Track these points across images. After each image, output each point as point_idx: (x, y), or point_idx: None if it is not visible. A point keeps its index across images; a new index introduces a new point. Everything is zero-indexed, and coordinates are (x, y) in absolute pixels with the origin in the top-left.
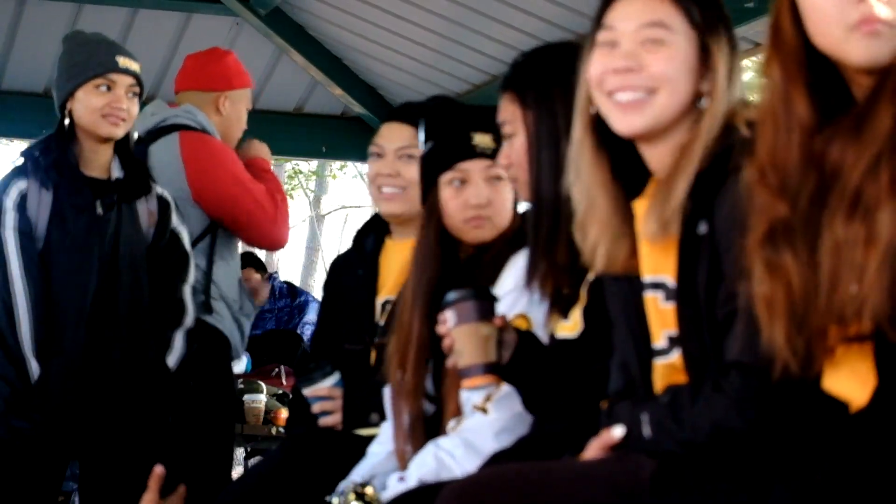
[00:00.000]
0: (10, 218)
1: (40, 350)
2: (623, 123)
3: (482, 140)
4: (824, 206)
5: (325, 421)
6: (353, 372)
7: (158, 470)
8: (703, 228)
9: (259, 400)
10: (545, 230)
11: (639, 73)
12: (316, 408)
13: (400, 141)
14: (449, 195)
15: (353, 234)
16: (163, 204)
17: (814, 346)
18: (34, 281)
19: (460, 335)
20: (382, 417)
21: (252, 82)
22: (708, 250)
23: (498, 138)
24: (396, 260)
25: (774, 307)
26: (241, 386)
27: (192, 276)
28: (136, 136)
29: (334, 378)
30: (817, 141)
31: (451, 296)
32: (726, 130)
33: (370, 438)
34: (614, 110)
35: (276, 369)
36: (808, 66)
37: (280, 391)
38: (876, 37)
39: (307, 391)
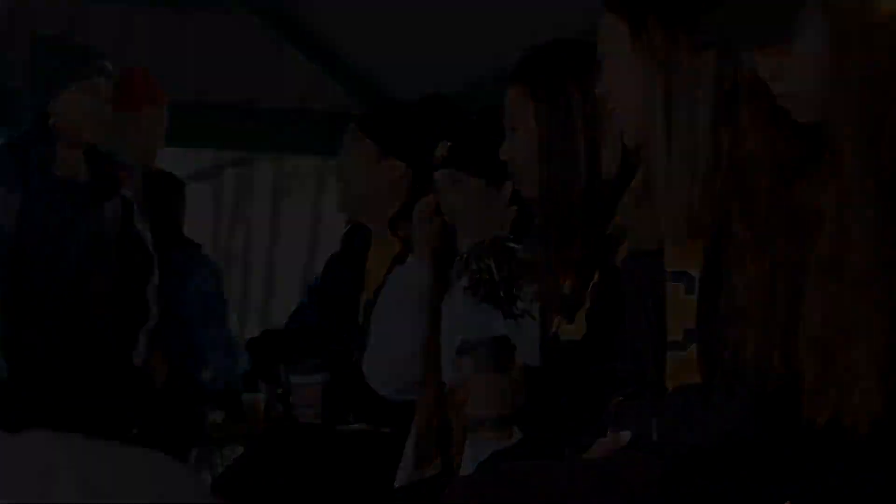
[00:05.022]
0: None
1: (8, 348)
2: None
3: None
4: None
5: (302, 415)
6: (336, 371)
7: None
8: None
9: (258, 399)
10: (559, 226)
11: None
12: (294, 400)
13: None
14: None
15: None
16: (126, 205)
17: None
18: (2, 279)
19: (477, 384)
20: (358, 418)
21: None
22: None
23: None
24: (378, 259)
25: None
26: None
27: (157, 276)
28: None
29: (320, 376)
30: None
31: (467, 344)
32: None
33: (350, 433)
34: None
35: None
36: None
37: (280, 391)
38: None
39: (292, 380)
